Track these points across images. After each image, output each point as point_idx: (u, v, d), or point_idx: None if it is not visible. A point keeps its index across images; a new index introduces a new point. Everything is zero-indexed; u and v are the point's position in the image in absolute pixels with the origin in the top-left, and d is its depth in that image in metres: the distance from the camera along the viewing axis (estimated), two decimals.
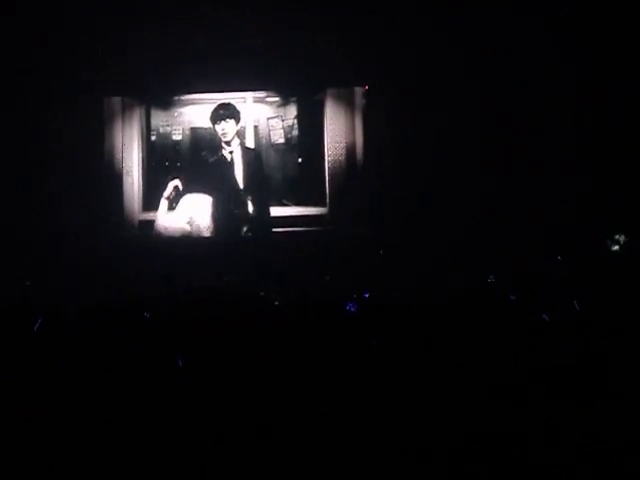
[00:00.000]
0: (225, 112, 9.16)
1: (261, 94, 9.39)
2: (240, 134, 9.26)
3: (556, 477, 2.82)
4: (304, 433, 3.01)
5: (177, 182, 9.22)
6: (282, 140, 9.40)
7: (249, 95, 9.34)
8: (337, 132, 9.24)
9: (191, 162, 9.44)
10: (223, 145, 9.22)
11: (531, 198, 8.37)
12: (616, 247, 7.51)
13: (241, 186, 9.24)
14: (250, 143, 9.36)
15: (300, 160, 9.36)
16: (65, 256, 8.40)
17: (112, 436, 2.98)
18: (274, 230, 9.26)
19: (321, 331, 3.72)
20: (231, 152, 9.23)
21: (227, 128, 9.17)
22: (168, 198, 9.22)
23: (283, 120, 9.41)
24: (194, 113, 9.46)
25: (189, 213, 9.25)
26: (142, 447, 2.96)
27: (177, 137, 9.46)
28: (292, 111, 9.41)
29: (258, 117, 9.43)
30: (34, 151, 8.82)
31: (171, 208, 9.23)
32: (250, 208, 9.26)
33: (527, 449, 2.89)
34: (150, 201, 9.41)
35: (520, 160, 8.45)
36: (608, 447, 2.84)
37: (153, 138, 9.50)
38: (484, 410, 3.02)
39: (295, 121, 9.38)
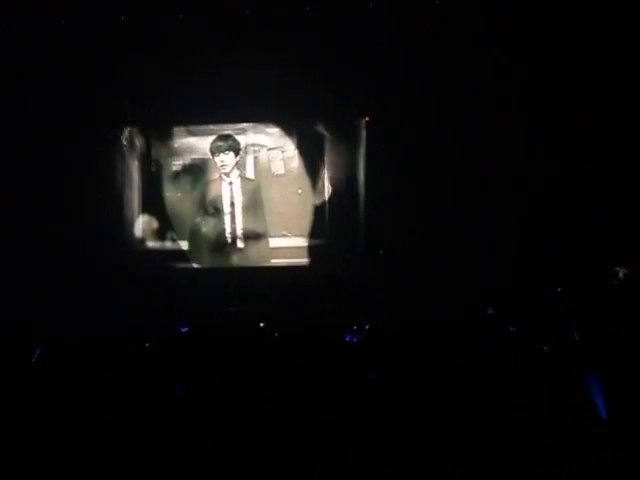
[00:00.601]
0: (224, 144, 9.22)
1: (261, 125, 9.41)
2: (240, 165, 9.30)
3: None
4: (303, 461, 3.00)
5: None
6: (282, 171, 9.41)
7: (249, 126, 9.37)
8: (337, 163, 9.27)
9: (190, 193, 9.44)
10: (222, 176, 9.26)
11: (530, 229, 8.38)
12: (616, 281, 7.50)
13: (240, 217, 9.27)
14: (250, 174, 9.38)
15: (300, 191, 9.36)
16: (64, 285, 8.39)
17: (112, 465, 2.97)
18: (274, 261, 9.28)
19: (321, 362, 3.71)
20: (230, 183, 9.26)
21: (226, 160, 9.23)
22: None
23: (283, 152, 9.43)
24: (194, 144, 9.48)
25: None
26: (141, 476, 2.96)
27: (177, 168, 9.47)
28: (293, 142, 9.42)
29: (258, 148, 9.45)
30: (35, 181, 8.85)
31: None
32: (249, 239, 9.27)
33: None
34: (150, 232, 9.43)
35: (520, 189, 8.47)
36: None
37: (153, 169, 9.51)
38: (484, 441, 3.01)
39: (296, 152, 9.39)
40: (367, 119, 9.15)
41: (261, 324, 5.65)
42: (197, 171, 9.49)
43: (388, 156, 8.86)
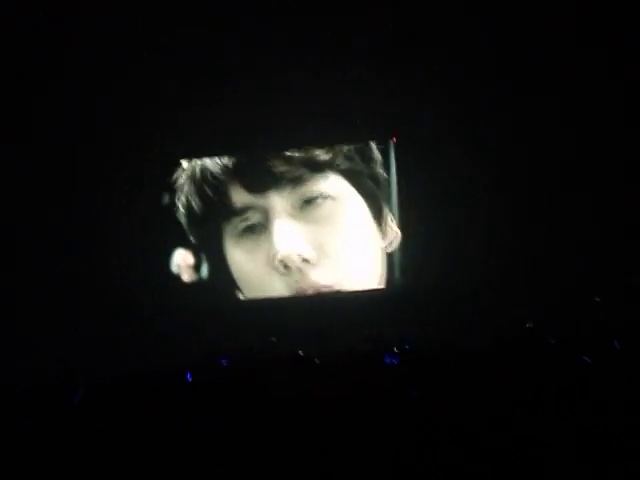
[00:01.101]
0: (269, 184, 9.13)
1: (304, 163, 9.24)
2: (284, 202, 9.12)
3: None
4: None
5: None
6: (323, 202, 9.18)
7: (292, 164, 9.23)
8: (372, 187, 9.17)
9: (237, 228, 9.32)
10: (270, 217, 9.13)
11: (567, 239, 8.31)
12: None
13: (287, 253, 9.12)
14: (294, 210, 9.18)
15: (341, 221, 9.19)
16: (107, 321, 8.49)
17: None
18: (313, 289, 9.20)
19: (361, 386, 3.71)
20: (276, 222, 9.10)
21: (270, 201, 9.10)
22: None
23: (325, 191, 9.20)
24: (240, 184, 9.33)
25: None
26: None
27: (225, 202, 9.33)
28: (334, 178, 9.19)
29: (303, 187, 9.23)
30: (78, 220, 9.00)
31: None
32: (294, 272, 9.15)
33: None
34: (195, 266, 9.45)
35: (557, 205, 8.42)
36: None
37: (197, 201, 9.44)
38: (525, 459, 2.98)
39: (337, 188, 9.16)
40: (395, 139, 9.12)
41: (300, 352, 5.65)
42: (244, 208, 9.32)
43: (419, 176, 8.83)
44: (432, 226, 8.69)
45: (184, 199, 9.44)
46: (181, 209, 9.42)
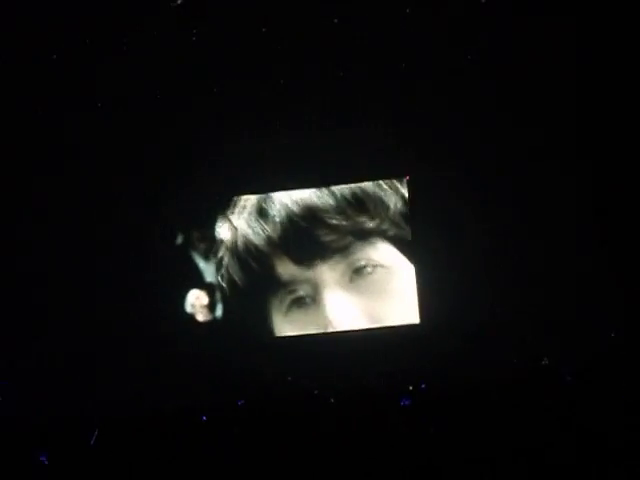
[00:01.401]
0: (315, 254, 8.91)
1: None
2: (333, 273, 9.00)
3: None
4: None
5: None
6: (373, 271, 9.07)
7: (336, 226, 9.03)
8: (389, 227, 9.10)
9: (285, 302, 9.09)
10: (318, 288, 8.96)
11: (587, 277, 8.27)
12: None
13: (341, 326, 8.94)
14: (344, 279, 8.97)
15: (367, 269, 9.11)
16: (121, 361, 8.48)
17: None
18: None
19: (376, 426, 3.70)
20: (323, 291, 8.95)
21: (320, 274, 8.93)
22: None
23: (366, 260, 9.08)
24: (285, 251, 9.19)
25: None
26: None
27: (270, 274, 9.14)
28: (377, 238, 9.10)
29: (349, 250, 9.03)
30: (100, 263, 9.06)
31: None
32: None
33: None
34: (210, 306, 9.43)
35: (578, 242, 8.39)
36: None
37: (241, 275, 9.29)
38: None
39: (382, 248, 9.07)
40: (408, 178, 9.13)
41: (315, 391, 5.64)
42: (291, 285, 9.08)
43: (435, 214, 8.84)
44: (446, 264, 8.68)
45: (226, 273, 9.32)
46: (223, 283, 9.32)
